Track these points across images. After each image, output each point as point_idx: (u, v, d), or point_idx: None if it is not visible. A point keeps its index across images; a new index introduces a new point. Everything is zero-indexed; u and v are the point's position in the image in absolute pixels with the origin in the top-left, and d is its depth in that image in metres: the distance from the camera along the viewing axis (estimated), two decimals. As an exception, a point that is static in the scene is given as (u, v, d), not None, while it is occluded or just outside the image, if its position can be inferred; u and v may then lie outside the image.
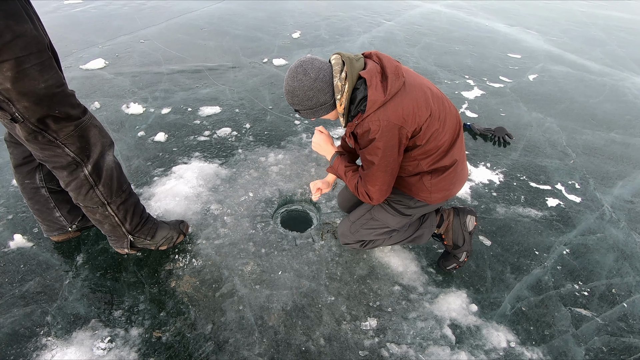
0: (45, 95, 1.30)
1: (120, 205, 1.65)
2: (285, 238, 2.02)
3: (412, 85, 1.37)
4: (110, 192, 1.59)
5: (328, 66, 1.35)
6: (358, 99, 1.36)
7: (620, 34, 6.02)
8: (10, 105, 1.26)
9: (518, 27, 5.89)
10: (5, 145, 2.53)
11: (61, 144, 1.40)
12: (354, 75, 1.34)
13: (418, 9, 6.25)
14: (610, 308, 1.84)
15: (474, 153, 2.86)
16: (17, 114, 1.28)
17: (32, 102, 1.28)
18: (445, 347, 1.61)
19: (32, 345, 1.51)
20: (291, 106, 1.44)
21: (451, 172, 1.52)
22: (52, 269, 1.80)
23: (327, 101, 1.37)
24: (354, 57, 1.37)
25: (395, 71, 1.34)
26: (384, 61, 1.36)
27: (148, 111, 3.05)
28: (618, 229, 2.30)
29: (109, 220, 1.66)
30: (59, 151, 1.42)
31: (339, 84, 1.34)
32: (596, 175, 2.75)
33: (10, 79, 1.20)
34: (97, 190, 1.55)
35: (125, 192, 1.66)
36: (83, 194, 1.53)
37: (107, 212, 1.63)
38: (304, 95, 1.35)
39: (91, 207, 1.59)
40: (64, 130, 1.39)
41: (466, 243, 1.81)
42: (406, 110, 1.34)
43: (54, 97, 1.32)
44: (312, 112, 1.40)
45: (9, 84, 1.21)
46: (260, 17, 5.33)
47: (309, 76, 1.32)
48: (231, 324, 1.63)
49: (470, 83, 3.93)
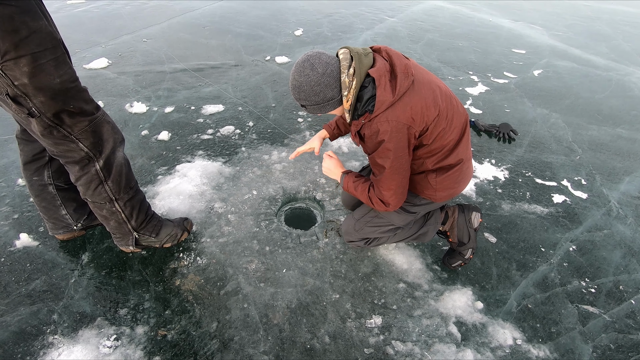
0: (60, 90, 1.31)
1: (127, 202, 1.66)
2: (290, 236, 2.02)
3: (421, 83, 1.35)
4: (119, 188, 1.60)
5: (336, 61, 1.33)
6: (365, 97, 1.33)
7: (626, 28, 5.95)
8: (27, 100, 1.28)
9: (522, 22, 5.83)
10: (9, 146, 2.55)
11: (75, 138, 1.42)
12: (362, 72, 1.31)
13: (421, 5, 6.21)
14: (617, 305, 1.83)
15: (478, 149, 2.84)
16: (34, 109, 1.30)
17: (48, 96, 1.29)
18: (450, 344, 1.60)
19: (39, 343, 1.52)
20: (297, 101, 1.41)
21: (456, 170, 1.50)
22: (58, 267, 1.81)
23: (334, 97, 1.35)
24: (363, 52, 1.34)
25: (405, 70, 1.32)
26: (394, 59, 1.34)
27: (151, 110, 3.05)
28: (625, 225, 2.28)
29: (115, 216, 1.66)
30: (73, 146, 1.44)
31: (347, 80, 1.32)
32: (602, 171, 2.73)
33: (27, 74, 1.22)
34: (106, 186, 1.56)
35: (132, 189, 1.67)
36: (92, 188, 1.55)
37: (114, 208, 1.64)
38: (311, 90, 1.32)
39: (99, 202, 1.60)
40: (78, 125, 1.41)
41: (471, 240, 1.79)
42: (415, 110, 1.32)
43: (68, 92, 1.34)
44: (319, 107, 1.39)
45: (26, 79, 1.23)
46: (262, 15, 5.32)
47: (316, 71, 1.29)
48: (236, 322, 1.63)
49: (474, 79, 3.90)
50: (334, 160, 1.70)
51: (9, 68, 1.19)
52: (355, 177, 1.59)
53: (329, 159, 1.71)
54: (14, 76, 1.21)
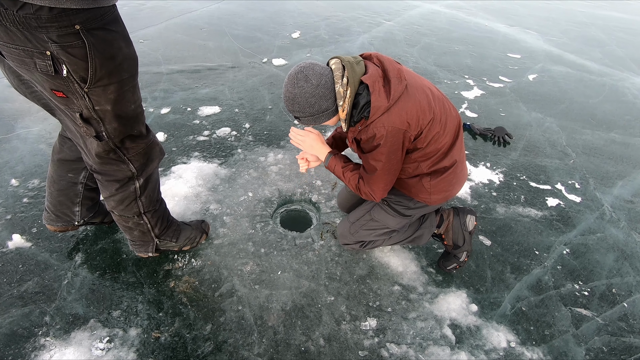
0: (132, 116, 1.30)
1: (154, 213, 1.64)
2: (285, 238, 2.02)
3: (414, 87, 1.36)
4: (150, 202, 1.58)
5: (329, 71, 1.33)
6: (361, 104, 1.33)
7: (620, 34, 6.02)
8: (100, 124, 1.24)
9: (517, 27, 5.89)
10: (2, 146, 2.54)
11: (127, 160, 1.39)
12: (356, 80, 1.32)
13: (418, 9, 6.25)
14: (610, 308, 1.84)
15: (473, 153, 2.86)
16: (103, 133, 1.27)
17: (121, 123, 1.27)
18: (445, 347, 1.61)
19: (30, 345, 1.51)
20: (291, 113, 1.40)
21: (450, 173, 1.51)
22: (51, 269, 1.79)
23: (329, 107, 1.35)
24: (354, 61, 1.34)
25: (398, 74, 1.32)
26: (386, 64, 1.34)
27: (147, 111, 3.04)
28: (618, 229, 2.30)
29: (140, 227, 1.64)
30: (123, 167, 1.41)
31: (341, 90, 1.32)
32: (596, 175, 2.75)
33: (112, 101, 1.20)
34: (139, 202, 1.54)
35: (159, 200, 1.66)
36: (125, 204, 1.51)
37: (142, 220, 1.61)
38: (306, 102, 1.32)
39: (126, 216, 1.57)
40: (136, 148, 1.39)
41: (466, 243, 1.80)
42: (410, 114, 1.33)
43: (136, 117, 1.33)
44: (314, 118, 1.38)
45: (110, 105, 1.20)
46: (259, 17, 5.33)
47: (310, 82, 1.29)
48: (230, 324, 1.62)
49: (470, 83, 3.93)
50: (315, 135, 1.59)
51: (95, 93, 1.16)
52: (344, 162, 1.56)
53: (309, 134, 1.59)
54: (98, 101, 1.18)
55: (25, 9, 0.98)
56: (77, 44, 1.06)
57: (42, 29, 1.01)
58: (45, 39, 1.03)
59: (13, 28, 1.01)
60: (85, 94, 1.15)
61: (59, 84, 1.12)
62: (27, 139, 2.63)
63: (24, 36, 1.02)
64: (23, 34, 1.02)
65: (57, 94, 1.15)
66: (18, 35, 1.02)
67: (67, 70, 1.09)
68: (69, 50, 1.06)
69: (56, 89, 1.14)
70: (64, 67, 1.08)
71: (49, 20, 1.00)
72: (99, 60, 1.11)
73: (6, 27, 1.01)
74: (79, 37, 1.06)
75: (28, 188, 2.22)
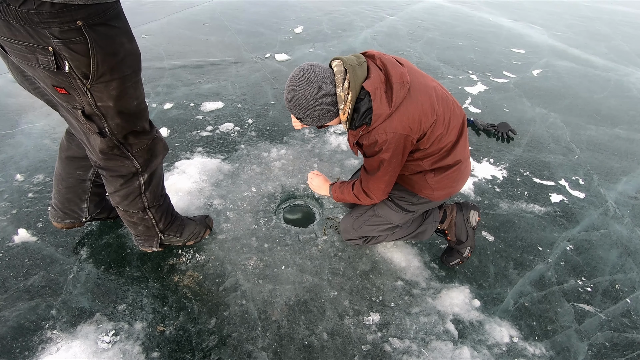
0: (135, 112, 1.29)
1: (158, 208, 1.65)
2: (288, 233, 2.03)
3: (416, 89, 1.35)
4: (154, 198, 1.59)
5: (331, 73, 1.33)
6: (362, 110, 1.33)
7: (625, 28, 5.96)
8: (102, 121, 1.25)
9: (522, 21, 5.83)
10: (7, 141, 2.55)
11: (131, 156, 1.40)
12: (357, 85, 1.31)
13: (421, 4, 6.20)
14: (613, 304, 1.84)
15: (477, 148, 2.85)
16: (106, 129, 1.27)
17: (124, 119, 1.27)
18: (447, 342, 1.61)
19: (37, 338, 1.53)
20: (293, 115, 1.42)
21: (454, 170, 1.51)
22: (57, 263, 1.81)
23: (330, 109, 1.35)
24: (356, 63, 1.33)
25: (401, 79, 1.31)
26: (389, 68, 1.33)
27: (150, 106, 3.04)
28: (622, 225, 2.29)
29: (145, 222, 1.65)
30: (127, 162, 1.41)
31: (342, 94, 1.32)
32: (600, 171, 2.74)
33: (114, 97, 1.19)
34: (143, 197, 1.54)
35: (163, 195, 1.66)
36: (130, 200, 1.52)
37: (146, 216, 1.62)
38: (307, 104, 1.32)
39: (131, 211, 1.58)
40: (139, 144, 1.39)
41: (469, 238, 1.80)
42: (412, 118, 1.33)
43: (140, 113, 1.33)
44: (315, 120, 1.39)
45: (112, 102, 1.20)
46: (262, 12, 5.30)
47: (312, 85, 1.29)
48: (234, 318, 1.64)
49: (474, 78, 3.90)
50: (320, 177, 1.80)
51: (98, 90, 1.16)
52: (340, 185, 1.68)
53: (315, 177, 1.80)
54: (100, 97, 1.18)
55: (27, 5, 0.98)
56: (79, 40, 1.06)
57: (44, 25, 1.01)
58: (47, 34, 1.03)
59: (15, 23, 1.00)
60: (87, 90, 1.15)
61: (60, 80, 1.12)
62: (31, 134, 2.64)
63: (26, 32, 1.02)
64: (25, 30, 1.02)
65: (59, 91, 1.15)
66: (20, 30, 1.02)
67: (69, 67, 1.09)
68: (71, 46, 1.06)
69: (58, 85, 1.14)
70: (66, 63, 1.08)
71: (51, 15, 1.00)
72: (101, 56, 1.11)
73: (8, 23, 1.01)
74: (80, 33, 1.05)
75: (33, 183, 2.23)
